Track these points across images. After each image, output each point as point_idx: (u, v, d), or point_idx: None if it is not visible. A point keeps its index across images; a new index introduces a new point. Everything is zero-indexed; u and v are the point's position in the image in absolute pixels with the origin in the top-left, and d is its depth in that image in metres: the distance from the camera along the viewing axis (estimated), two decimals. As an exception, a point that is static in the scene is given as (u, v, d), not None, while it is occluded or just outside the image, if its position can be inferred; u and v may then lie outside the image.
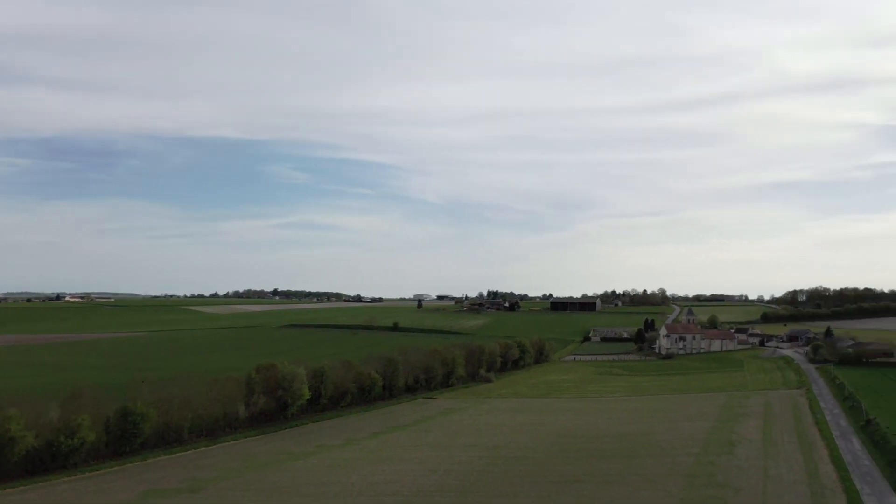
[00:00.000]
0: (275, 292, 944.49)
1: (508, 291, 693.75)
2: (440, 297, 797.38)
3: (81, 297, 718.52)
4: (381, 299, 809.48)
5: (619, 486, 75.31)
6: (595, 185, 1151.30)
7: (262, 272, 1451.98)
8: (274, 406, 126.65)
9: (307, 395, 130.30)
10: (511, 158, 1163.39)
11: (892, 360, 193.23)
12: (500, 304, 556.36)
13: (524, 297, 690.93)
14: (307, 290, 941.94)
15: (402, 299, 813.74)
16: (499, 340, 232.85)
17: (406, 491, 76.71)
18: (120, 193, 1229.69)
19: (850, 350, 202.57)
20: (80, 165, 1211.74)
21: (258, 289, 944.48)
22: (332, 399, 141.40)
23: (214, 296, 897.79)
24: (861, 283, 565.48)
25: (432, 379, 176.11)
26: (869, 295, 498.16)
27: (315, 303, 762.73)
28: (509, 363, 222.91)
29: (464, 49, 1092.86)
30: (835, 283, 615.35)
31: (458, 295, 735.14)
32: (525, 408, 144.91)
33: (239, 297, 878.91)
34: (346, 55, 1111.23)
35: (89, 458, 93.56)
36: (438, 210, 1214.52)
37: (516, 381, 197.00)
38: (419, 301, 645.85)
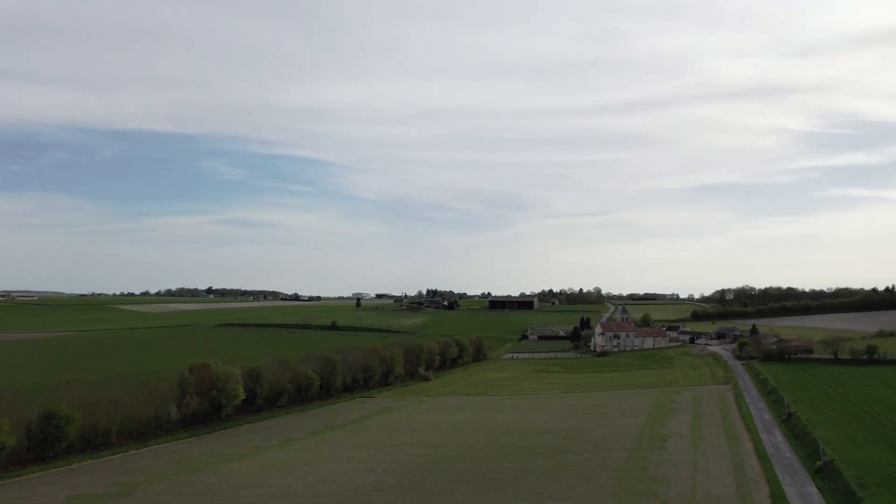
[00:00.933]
0: (209, 291, 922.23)
1: (448, 290, 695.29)
2: (379, 296, 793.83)
3: (2, 296, 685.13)
4: (319, 298, 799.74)
5: (555, 483, 76.62)
6: (534, 185, 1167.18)
7: (195, 270, 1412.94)
8: (207, 407, 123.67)
9: (242, 395, 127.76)
10: (452, 157, 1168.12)
11: (811, 356, 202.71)
12: (440, 302, 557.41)
13: (463, 296, 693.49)
14: (243, 288, 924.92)
15: (341, 298, 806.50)
16: (438, 339, 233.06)
17: (344, 491, 76.16)
18: (44, 187, 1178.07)
19: (774, 347, 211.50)
20: (0, 157, 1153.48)
21: (191, 287, 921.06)
22: (268, 399, 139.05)
23: (145, 294, 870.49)
24: (784, 282, 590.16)
25: (371, 378, 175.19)
26: (791, 294, 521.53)
27: (251, 301, 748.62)
28: (448, 362, 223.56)
29: (407, 48, 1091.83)
30: (760, 282, 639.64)
31: (397, 293, 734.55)
32: (463, 406, 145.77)
33: (171, 295, 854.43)
34: (288, 50, 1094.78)
35: (9, 464, 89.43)
36: (379, 208, 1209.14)
37: (455, 380, 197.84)
38: (358, 300, 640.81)
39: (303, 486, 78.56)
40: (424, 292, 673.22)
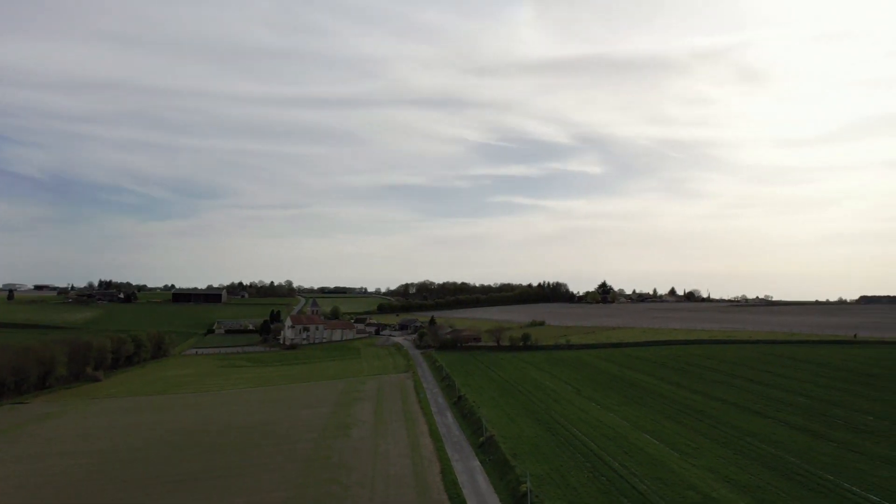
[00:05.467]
0: None
1: (125, 281, 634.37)
2: (38, 287, 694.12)
3: None
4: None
5: (239, 479, 74.67)
6: (225, 173, 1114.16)
7: None
8: None
9: None
10: (131, 137, 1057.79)
11: (480, 344, 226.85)
12: (115, 295, 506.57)
13: (143, 288, 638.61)
14: None
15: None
16: (111, 335, 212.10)
17: (-16, 514, 65.27)
18: None
19: (449, 336, 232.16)
20: None
21: None
22: None
23: None
24: (459, 277, 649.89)
25: (24, 381, 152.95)
26: (465, 288, 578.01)
27: None
28: (123, 359, 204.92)
29: (84, 9, 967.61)
30: (439, 277, 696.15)
31: (62, 284, 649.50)
32: (139, 407, 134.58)
33: None
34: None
35: None
36: (38, 186, 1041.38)
37: (130, 379, 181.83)
38: (10, 291, 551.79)
39: (-74, 514, 65.54)
40: (97, 284, 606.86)
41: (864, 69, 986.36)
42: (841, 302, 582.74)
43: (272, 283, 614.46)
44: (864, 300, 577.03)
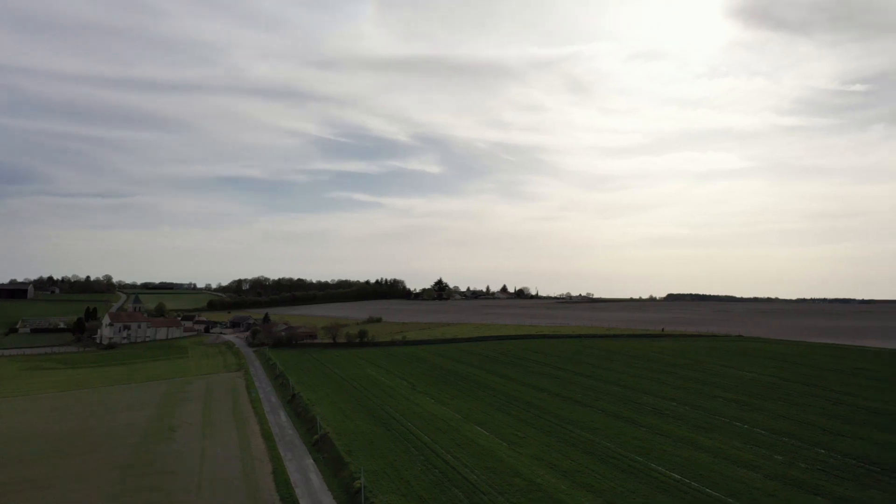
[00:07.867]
0: None
1: None
2: None
3: None
4: None
5: (45, 492, 68.13)
6: (34, 157, 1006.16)
7: None
8: None
9: None
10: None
11: (315, 341, 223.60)
12: None
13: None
14: None
15: None
16: None
17: None
18: None
19: (284, 334, 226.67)
20: None
21: None
22: None
23: None
24: (296, 274, 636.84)
25: None
26: (301, 285, 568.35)
27: None
28: None
29: None
30: (275, 273, 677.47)
31: None
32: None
33: None
34: None
35: None
36: None
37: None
38: None
39: None
40: None
41: (676, 88, 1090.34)
42: (651, 299, 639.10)
43: (88, 277, 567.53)
44: (671, 297, 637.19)
